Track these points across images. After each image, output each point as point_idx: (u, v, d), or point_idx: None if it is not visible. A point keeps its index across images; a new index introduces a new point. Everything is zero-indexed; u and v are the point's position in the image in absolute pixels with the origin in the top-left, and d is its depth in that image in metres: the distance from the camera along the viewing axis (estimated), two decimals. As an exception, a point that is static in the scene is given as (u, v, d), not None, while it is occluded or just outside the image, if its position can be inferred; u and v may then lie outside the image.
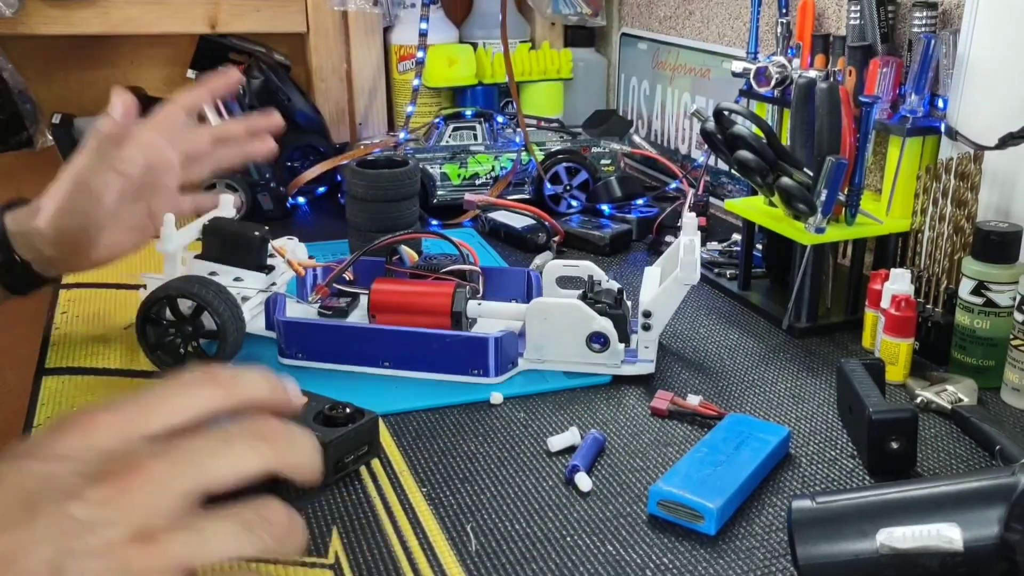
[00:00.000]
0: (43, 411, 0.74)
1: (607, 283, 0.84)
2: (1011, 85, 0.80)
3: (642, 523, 0.61)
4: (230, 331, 0.76)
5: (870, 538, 0.49)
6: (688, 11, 1.35)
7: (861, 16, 0.93)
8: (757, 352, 0.86)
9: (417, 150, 1.23)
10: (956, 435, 0.72)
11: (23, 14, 1.27)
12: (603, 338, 0.78)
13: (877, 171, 0.98)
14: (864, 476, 0.67)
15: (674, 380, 0.81)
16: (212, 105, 0.77)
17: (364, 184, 0.98)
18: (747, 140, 0.87)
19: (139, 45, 1.43)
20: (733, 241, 1.10)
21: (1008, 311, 0.76)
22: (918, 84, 0.86)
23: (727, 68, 1.12)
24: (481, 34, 1.52)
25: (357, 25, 1.44)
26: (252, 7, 1.38)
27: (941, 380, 0.77)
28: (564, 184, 1.26)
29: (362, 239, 0.97)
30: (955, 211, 0.81)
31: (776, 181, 0.87)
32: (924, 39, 0.85)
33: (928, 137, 0.88)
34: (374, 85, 1.48)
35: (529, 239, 1.12)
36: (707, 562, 0.57)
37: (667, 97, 1.41)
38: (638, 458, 0.68)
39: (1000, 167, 0.82)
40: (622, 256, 1.12)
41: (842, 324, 0.90)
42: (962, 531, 0.47)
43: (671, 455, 0.69)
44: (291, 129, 1.33)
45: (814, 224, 0.85)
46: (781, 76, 1.00)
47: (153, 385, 0.40)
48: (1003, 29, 0.81)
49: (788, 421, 0.74)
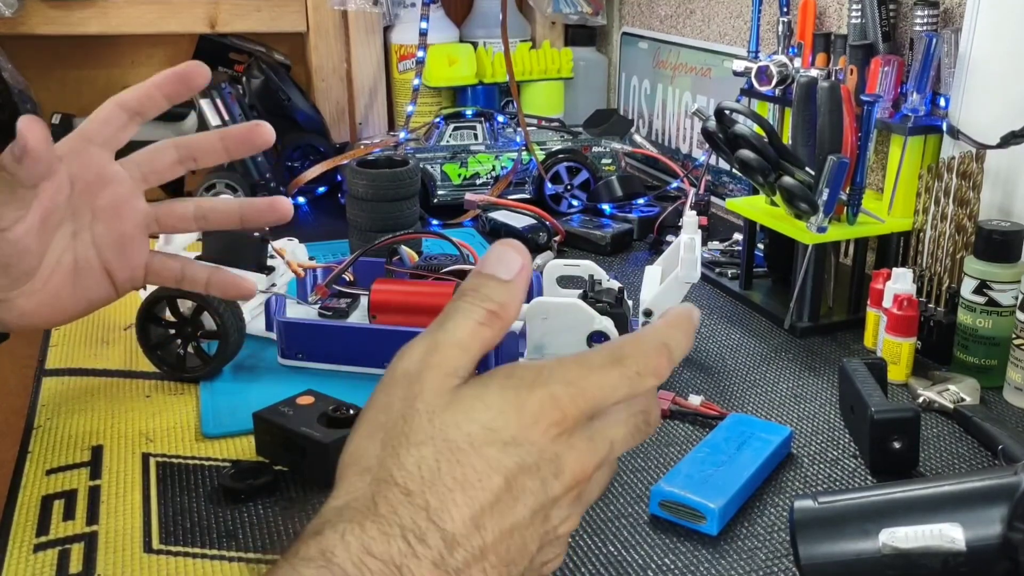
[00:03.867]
0: (43, 412, 0.74)
1: (608, 282, 0.84)
2: (1013, 83, 0.80)
3: (644, 523, 0.61)
4: (230, 331, 0.76)
5: (872, 538, 0.48)
6: (689, 10, 1.34)
7: (862, 15, 0.93)
8: (759, 352, 0.86)
9: (417, 150, 1.23)
10: (958, 435, 0.72)
11: (23, 14, 1.27)
12: (604, 338, 0.78)
13: (879, 170, 0.98)
14: (866, 476, 0.66)
15: (675, 380, 0.80)
16: (162, 102, 0.63)
17: (364, 184, 0.98)
18: (748, 139, 0.87)
19: (139, 45, 1.43)
20: (734, 240, 1.09)
21: (1010, 310, 0.76)
22: (920, 83, 0.86)
23: (728, 67, 1.12)
24: (481, 33, 1.52)
25: (357, 24, 1.44)
26: (252, 7, 1.38)
27: (943, 379, 0.77)
28: (565, 184, 1.26)
29: (362, 239, 0.97)
30: (957, 210, 0.81)
31: (778, 180, 0.87)
32: (926, 38, 0.85)
33: (930, 136, 0.88)
34: (374, 85, 1.47)
35: (530, 239, 1.12)
36: (709, 563, 0.57)
37: (668, 96, 1.41)
38: (639, 458, 0.68)
39: (1002, 166, 0.81)
40: (623, 256, 1.12)
41: (844, 323, 0.90)
42: (964, 531, 0.47)
43: (672, 455, 0.69)
44: (291, 129, 1.34)
45: (816, 223, 0.85)
46: (782, 75, 1.00)
47: (611, 365, 0.40)
48: (1005, 27, 0.81)
49: (790, 421, 0.74)
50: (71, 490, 0.64)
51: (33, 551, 0.58)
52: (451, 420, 0.38)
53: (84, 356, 0.84)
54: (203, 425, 0.72)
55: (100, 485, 0.64)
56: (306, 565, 0.35)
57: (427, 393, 0.39)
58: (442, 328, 0.41)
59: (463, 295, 0.42)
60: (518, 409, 0.38)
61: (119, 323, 0.90)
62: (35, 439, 0.70)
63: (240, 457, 0.67)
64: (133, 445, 0.69)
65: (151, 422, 0.73)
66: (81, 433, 0.71)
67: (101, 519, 0.61)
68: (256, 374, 0.80)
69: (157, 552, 0.58)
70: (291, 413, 0.65)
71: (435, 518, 0.36)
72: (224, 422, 0.72)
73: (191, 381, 0.79)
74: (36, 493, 0.64)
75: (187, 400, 0.76)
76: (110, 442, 0.70)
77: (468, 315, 0.41)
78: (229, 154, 0.66)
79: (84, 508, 0.62)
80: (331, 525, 0.36)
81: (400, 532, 0.36)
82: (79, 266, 0.64)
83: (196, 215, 0.67)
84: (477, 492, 0.37)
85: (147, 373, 0.80)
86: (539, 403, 0.38)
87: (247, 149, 0.67)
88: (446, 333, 0.40)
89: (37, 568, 0.56)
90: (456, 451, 0.37)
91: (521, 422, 0.38)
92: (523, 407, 0.38)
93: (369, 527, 0.36)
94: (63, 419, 0.73)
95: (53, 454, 0.68)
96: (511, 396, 0.38)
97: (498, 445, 0.37)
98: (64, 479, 0.65)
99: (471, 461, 0.37)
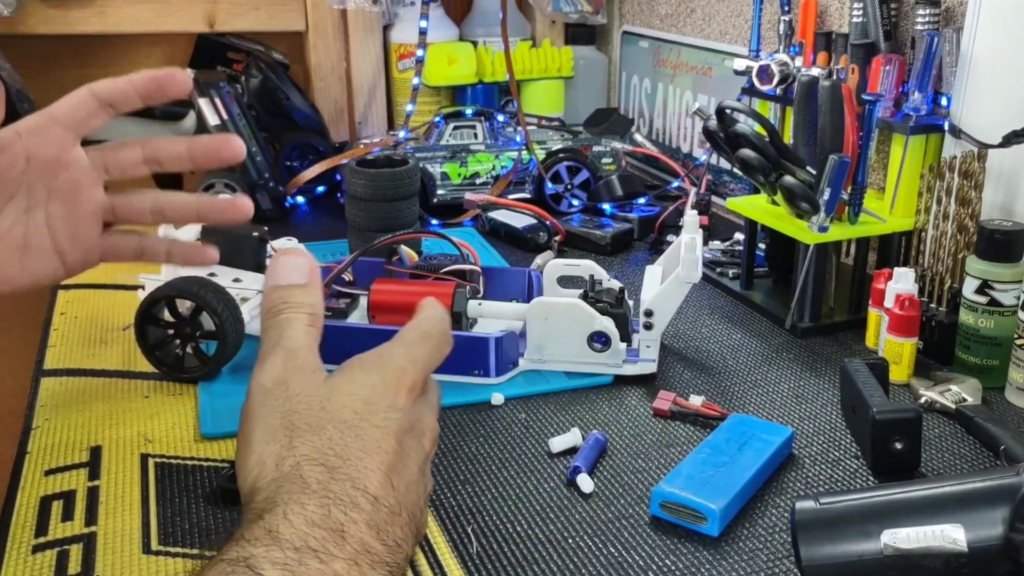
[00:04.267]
0: (41, 412, 0.74)
1: (608, 282, 0.84)
2: (1015, 82, 0.80)
3: (644, 524, 0.60)
4: (229, 332, 0.76)
5: (874, 539, 0.48)
6: (690, 9, 1.34)
7: (864, 13, 0.93)
8: (760, 352, 0.86)
9: (417, 149, 1.23)
10: (960, 435, 0.72)
11: (21, 14, 1.27)
12: (604, 338, 0.78)
13: (880, 169, 0.98)
14: (868, 477, 0.66)
15: (676, 380, 0.80)
16: (135, 100, 0.63)
17: (364, 183, 0.97)
18: (749, 138, 0.87)
19: (137, 44, 1.43)
20: (735, 240, 1.09)
21: (1012, 310, 0.75)
22: (921, 82, 0.86)
23: (729, 66, 1.12)
24: (481, 32, 1.52)
25: (356, 23, 1.43)
26: (251, 6, 1.38)
27: (945, 380, 0.77)
28: (565, 183, 1.26)
29: (362, 239, 0.97)
30: (959, 210, 0.81)
31: (779, 180, 0.87)
32: (927, 36, 0.85)
33: (931, 135, 0.87)
34: (373, 84, 1.47)
35: (530, 238, 1.12)
36: (710, 564, 0.57)
37: (669, 95, 1.41)
38: (640, 459, 0.68)
39: (1004, 165, 0.81)
40: (623, 255, 1.11)
41: (845, 324, 0.90)
42: (966, 532, 0.47)
43: (673, 456, 0.68)
44: (290, 128, 1.34)
45: (817, 223, 0.85)
46: (783, 74, 1.00)
47: (437, 334, 0.50)
48: (1006, 26, 0.81)
49: (791, 421, 0.73)
50: (70, 491, 0.64)
51: (32, 552, 0.57)
52: (338, 404, 0.44)
53: (82, 356, 0.84)
54: (202, 426, 0.71)
55: (99, 486, 0.64)
56: (254, 545, 0.38)
57: (307, 389, 0.45)
58: (285, 338, 0.47)
59: (280, 311, 0.48)
60: (383, 383, 0.46)
61: (118, 324, 0.90)
62: (34, 440, 0.70)
63: (239, 458, 0.67)
64: (132, 446, 0.69)
65: (150, 423, 0.72)
66: (80, 434, 0.71)
67: (100, 520, 0.60)
68: (255, 374, 0.80)
69: (156, 553, 0.57)
70: (290, 414, 0.65)
71: (359, 485, 0.42)
72: (223, 423, 0.72)
73: (190, 382, 0.78)
74: (35, 494, 0.63)
75: (186, 401, 0.76)
76: (109, 443, 0.70)
77: (298, 322, 0.48)
78: (195, 164, 0.66)
79: (83, 509, 0.62)
80: (268, 511, 0.40)
81: (334, 502, 0.40)
82: (29, 242, 0.64)
83: (152, 209, 0.68)
84: (382, 456, 0.43)
85: (146, 374, 0.80)
86: (395, 376, 0.46)
87: (214, 162, 0.66)
88: (293, 341, 0.47)
89: (36, 569, 0.56)
90: (353, 427, 0.43)
91: (388, 392, 0.45)
92: (385, 381, 0.46)
93: (307, 503, 0.40)
94: (62, 420, 0.73)
95: (52, 455, 0.68)
96: (373, 375, 0.46)
97: (381, 414, 0.44)
98: (63, 480, 0.65)
99: (367, 432, 0.43)
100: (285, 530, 0.39)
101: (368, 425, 0.44)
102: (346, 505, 0.40)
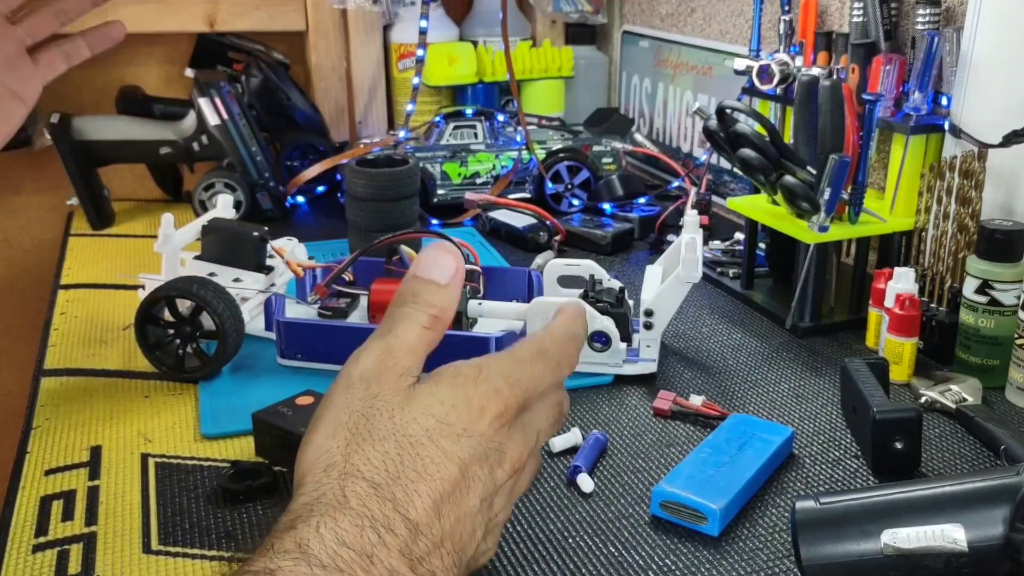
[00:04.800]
0: (41, 413, 0.74)
1: (608, 282, 0.84)
2: (1015, 82, 0.80)
3: (645, 524, 0.60)
4: (229, 331, 0.76)
5: (874, 539, 0.48)
6: (690, 8, 1.34)
7: (864, 13, 0.93)
8: (760, 352, 0.86)
9: (417, 149, 1.23)
10: (960, 435, 0.72)
11: (22, 13, 1.27)
12: (605, 337, 0.78)
13: (880, 169, 0.98)
14: (868, 476, 0.66)
15: (676, 380, 0.80)
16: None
17: (364, 183, 0.97)
18: (750, 138, 0.87)
19: (137, 44, 1.42)
20: (736, 240, 1.09)
21: (1013, 310, 0.75)
22: (921, 82, 0.86)
23: (729, 66, 1.12)
24: (482, 32, 1.52)
25: (357, 23, 1.43)
26: (251, 5, 1.38)
27: (945, 379, 0.77)
28: (565, 183, 1.26)
29: (362, 239, 0.97)
30: (959, 209, 0.81)
31: (779, 179, 0.87)
32: (927, 36, 0.85)
33: (932, 135, 0.87)
34: (374, 84, 1.47)
35: (530, 238, 1.12)
36: (710, 563, 0.57)
37: (669, 95, 1.41)
38: (640, 459, 0.68)
39: (1005, 165, 0.81)
40: (624, 255, 1.11)
41: (846, 323, 0.90)
42: (967, 531, 0.47)
43: (674, 456, 0.68)
44: (290, 128, 1.34)
45: (817, 223, 0.85)
46: (784, 74, 1.00)
47: (556, 355, 0.47)
48: (1007, 26, 0.80)
49: (791, 421, 0.73)
50: (70, 490, 0.64)
51: (32, 552, 0.57)
52: (409, 416, 0.42)
53: (83, 356, 0.84)
54: (202, 426, 0.71)
55: (99, 485, 0.64)
56: (283, 558, 0.37)
57: (386, 393, 0.43)
58: (392, 333, 0.45)
59: (405, 302, 0.46)
60: (467, 403, 0.43)
61: (118, 323, 0.90)
62: (34, 439, 0.70)
63: (239, 458, 0.67)
64: (132, 445, 0.69)
65: (150, 422, 0.72)
66: (80, 433, 0.71)
67: (100, 520, 0.60)
68: (255, 374, 0.80)
69: (156, 553, 0.57)
70: (290, 414, 0.65)
71: (401, 509, 0.40)
72: (223, 423, 0.72)
73: (190, 381, 0.78)
74: (35, 493, 0.63)
75: (186, 400, 0.76)
76: (109, 442, 0.70)
77: (414, 320, 0.45)
78: (94, 3, 0.79)
79: (83, 509, 0.62)
80: (303, 520, 0.38)
81: (370, 523, 0.39)
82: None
83: (56, 13, 0.78)
84: (436, 482, 0.41)
85: (146, 373, 0.80)
86: (484, 396, 0.43)
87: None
88: (397, 338, 0.45)
89: (36, 569, 0.56)
90: (415, 444, 0.41)
91: (470, 415, 0.43)
92: (471, 401, 0.43)
93: (341, 519, 0.38)
94: (62, 419, 0.73)
95: (52, 454, 0.68)
96: (460, 392, 0.43)
97: (452, 437, 0.42)
98: (63, 479, 0.65)
99: (429, 453, 0.41)
100: (315, 545, 0.37)
101: (433, 446, 0.41)
102: (381, 528, 0.39)
